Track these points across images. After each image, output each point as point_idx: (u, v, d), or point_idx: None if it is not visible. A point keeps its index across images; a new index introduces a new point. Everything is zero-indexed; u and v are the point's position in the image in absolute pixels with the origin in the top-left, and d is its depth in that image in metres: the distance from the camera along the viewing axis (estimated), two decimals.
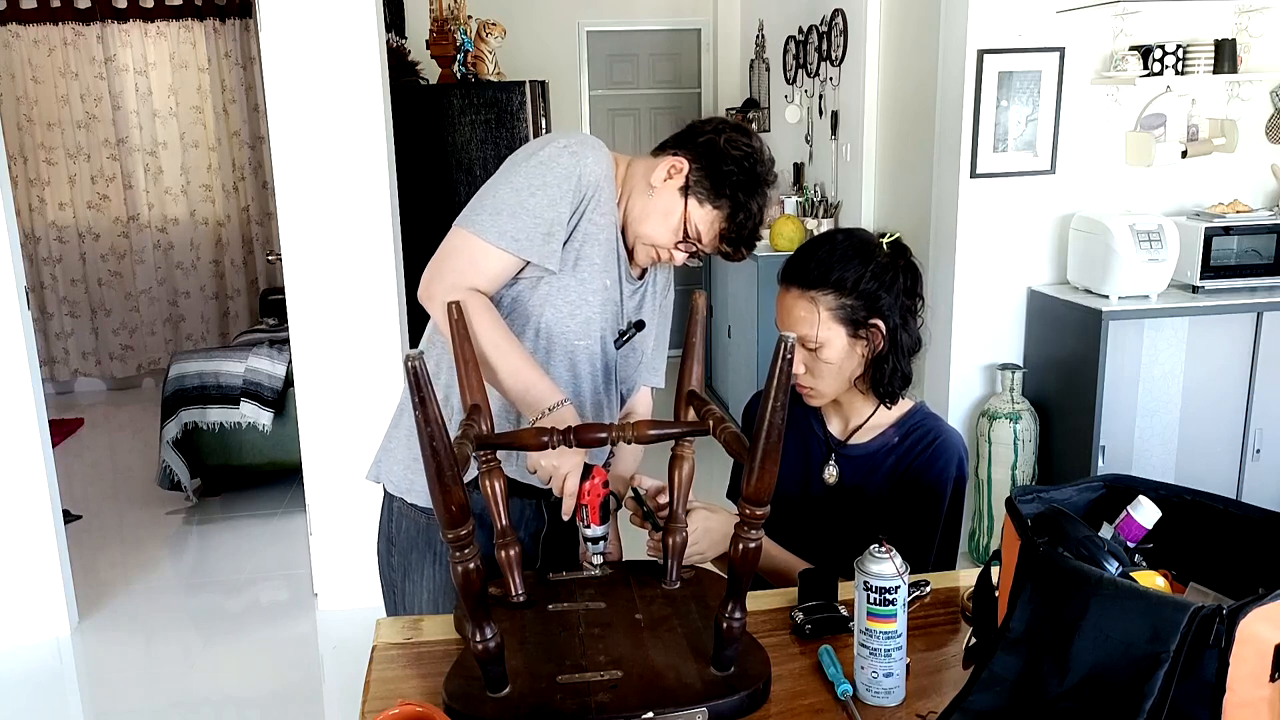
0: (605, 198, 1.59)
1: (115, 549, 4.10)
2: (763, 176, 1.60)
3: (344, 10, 3.17)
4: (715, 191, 1.57)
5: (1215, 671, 0.95)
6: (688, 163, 1.58)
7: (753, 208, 1.58)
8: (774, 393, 1.10)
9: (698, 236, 1.59)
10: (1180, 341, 3.39)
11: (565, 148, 1.56)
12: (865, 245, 1.61)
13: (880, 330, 1.59)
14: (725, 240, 1.60)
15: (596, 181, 1.57)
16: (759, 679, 1.25)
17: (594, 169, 1.56)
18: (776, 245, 4.72)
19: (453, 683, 1.25)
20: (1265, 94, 3.66)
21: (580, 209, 1.56)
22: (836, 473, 1.71)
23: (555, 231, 1.54)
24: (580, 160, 1.55)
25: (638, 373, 1.79)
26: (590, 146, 1.58)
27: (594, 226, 1.58)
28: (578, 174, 1.54)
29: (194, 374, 4.38)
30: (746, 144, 1.61)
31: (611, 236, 1.61)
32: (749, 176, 1.58)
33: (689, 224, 1.58)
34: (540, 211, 1.53)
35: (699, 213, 1.58)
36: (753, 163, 1.59)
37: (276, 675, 3.18)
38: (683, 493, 1.52)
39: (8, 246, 3.16)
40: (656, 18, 6.49)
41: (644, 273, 1.73)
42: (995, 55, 3.42)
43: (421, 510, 1.68)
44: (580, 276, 1.58)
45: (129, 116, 6.10)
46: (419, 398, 1.07)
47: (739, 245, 1.60)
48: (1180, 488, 1.26)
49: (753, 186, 1.58)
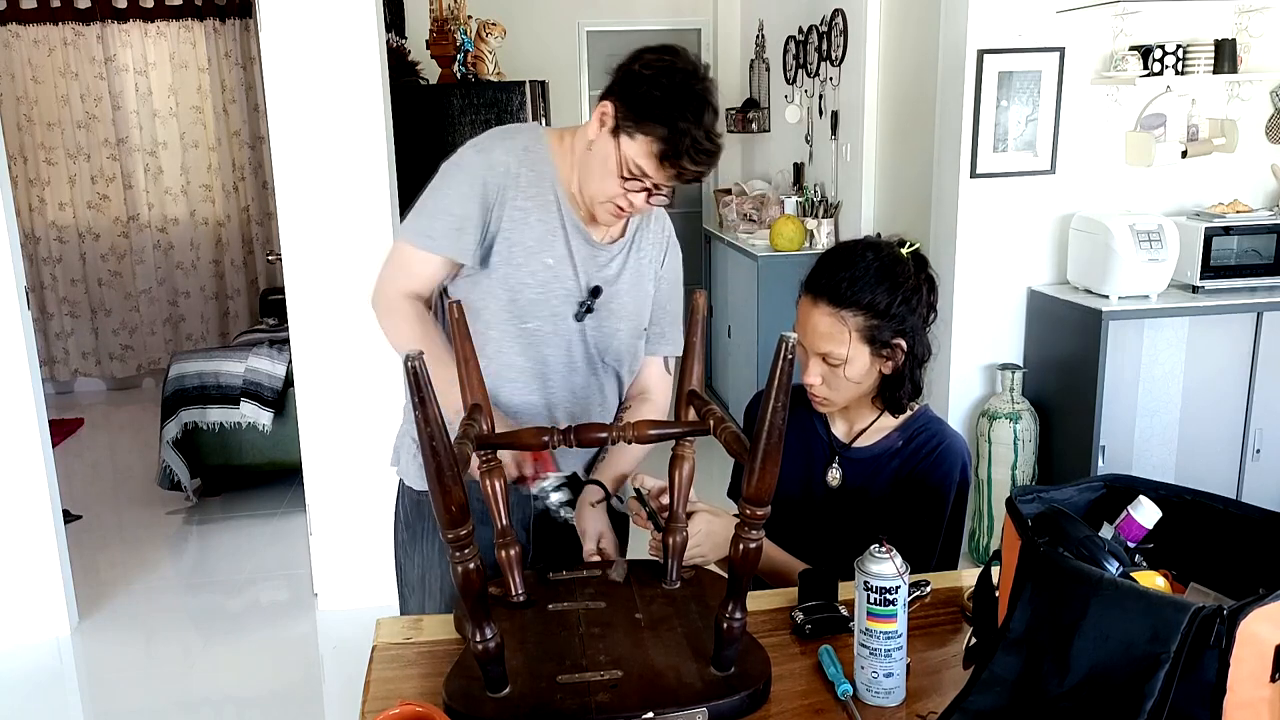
0: (527, 181, 1.61)
1: (115, 549, 4.10)
2: (686, 87, 1.50)
3: (344, 10, 3.17)
4: (639, 119, 1.50)
5: (1215, 672, 0.95)
6: (611, 103, 1.53)
7: (681, 124, 1.48)
8: (774, 393, 1.10)
9: (640, 172, 1.53)
10: (1180, 341, 3.39)
11: (474, 146, 1.64)
12: (895, 264, 1.59)
13: (902, 349, 1.60)
14: (667, 163, 1.51)
15: (507, 170, 1.61)
16: (759, 679, 1.25)
17: (502, 159, 1.61)
18: (776, 245, 4.71)
19: (453, 683, 1.25)
20: (1265, 94, 3.66)
21: (496, 199, 1.60)
22: (840, 475, 1.71)
23: (466, 227, 1.60)
24: (487, 155, 1.62)
25: (648, 344, 1.78)
26: (501, 138, 1.65)
27: (519, 212, 1.61)
28: (484, 169, 1.61)
29: (194, 374, 4.37)
30: (659, 60, 1.52)
31: (548, 215, 1.63)
32: (670, 91, 1.49)
33: (626, 163, 1.53)
34: (449, 208, 1.61)
35: (632, 147, 1.52)
36: (671, 76, 1.50)
37: (276, 675, 3.18)
38: (683, 493, 1.52)
39: (8, 246, 3.16)
40: (656, 18, 6.49)
41: (623, 234, 1.70)
42: (995, 55, 3.42)
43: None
44: (515, 262, 1.61)
45: (129, 116, 6.10)
46: (419, 398, 1.07)
47: (681, 166, 1.51)
48: (1180, 488, 1.26)
49: (678, 101, 1.49)
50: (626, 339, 1.73)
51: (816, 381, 1.62)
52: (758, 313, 4.70)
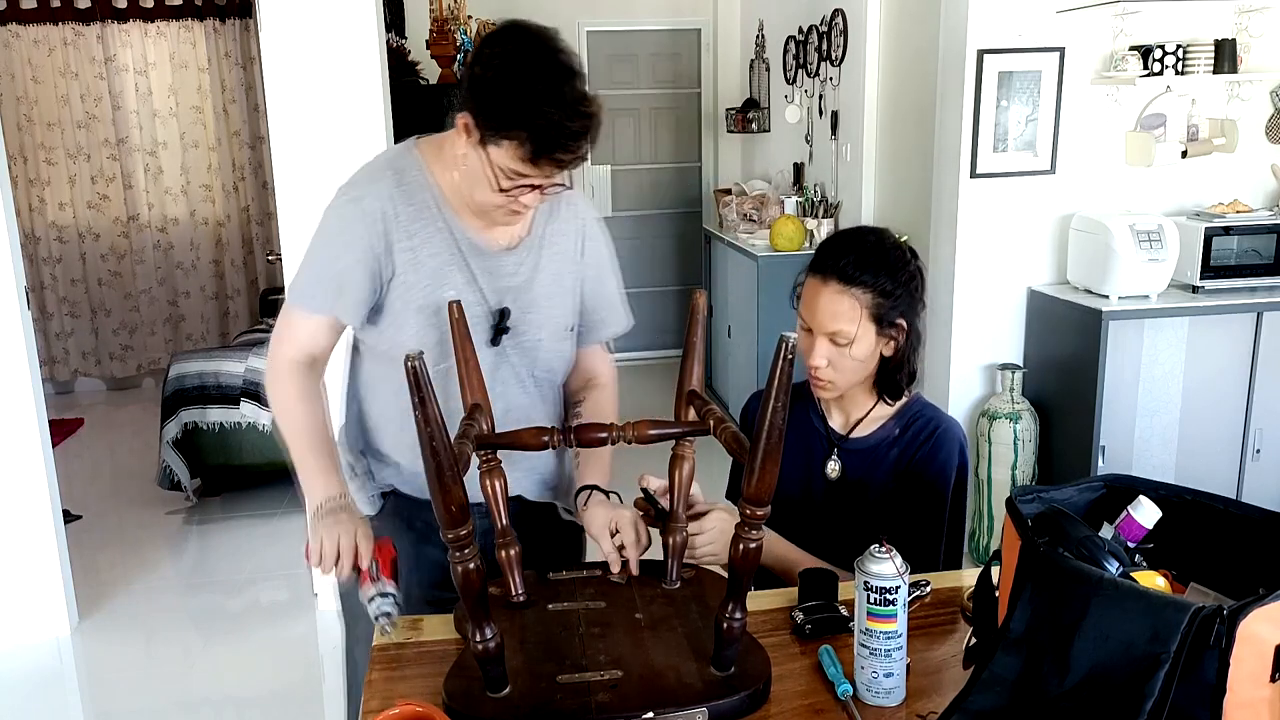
0: (407, 218, 1.52)
1: (115, 549, 4.10)
2: (532, 75, 1.37)
3: (344, 10, 3.17)
4: (496, 127, 1.38)
5: (1215, 672, 0.95)
6: (469, 113, 1.42)
7: (540, 121, 1.36)
8: (774, 393, 1.10)
9: (518, 174, 1.42)
10: (1180, 341, 3.39)
11: (346, 194, 1.54)
12: (895, 249, 1.63)
13: (904, 329, 1.62)
14: (541, 160, 1.39)
15: (383, 214, 1.51)
16: (759, 679, 1.25)
17: (374, 206, 1.51)
18: (776, 245, 4.71)
19: (453, 683, 1.25)
20: (1265, 94, 3.66)
21: (381, 247, 1.51)
22: (839, 467, 1.72)
23: (346, 286, 1.52)
24: (359, 204, 1.51)
25: (587, 334, 1.71)
26: (370, 181, 1.53)
27: (407, 253, 1.52)
28: (358, 220, 1.51)
29: (194, 374, 4.37)
30: (495, 55, 1.39)
31: (439, 246, 1.53)
32: (518, 89, 1.37)
33: (501, 170, 1.42)
34: (329, 267, 1.53)
35: (500, 154, 1.40)
36: (513, 71, 1.37)
37: (276, 675, 3.18)
38: (683, 493, 1.52)
39: (8, 246, 3.16)
40: (656, 18, 6.49)
41: (529, 230, 1.61)
42: (995, 55, 3.42)
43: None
44: (416, 305, 1.54)
45: (129, 116, 6.10)
46: (419, 398, 1.07)
47: (556, 158, 1.40)
48: (1180, 488, 1.26)
49: (529, 96, 1.36)
50: (551, 345, 1.64)
51: (823, 364, 1.62)
52: (758, 313, 4.70)
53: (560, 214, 1.65)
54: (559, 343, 1.66)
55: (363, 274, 1.52)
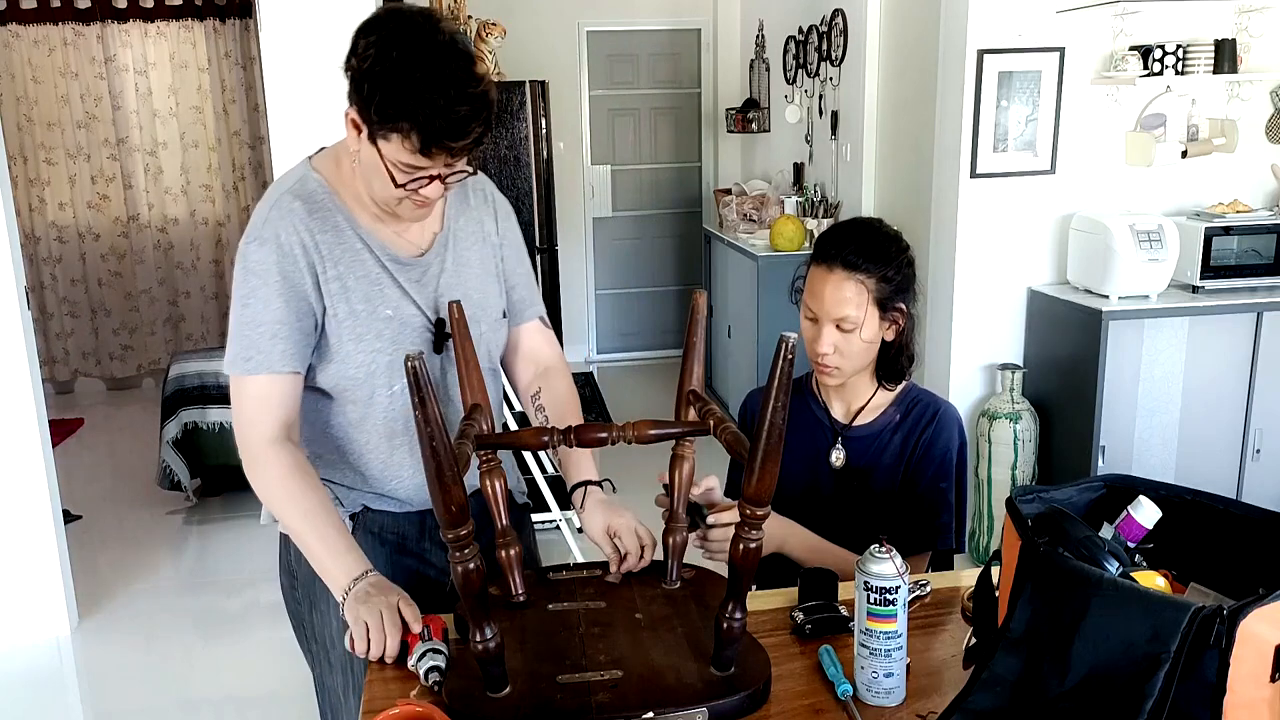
0: (329, 243, 1.45)
1: (115, 549, 4.10)
2: (409, 62, 1.30)
3: (344, 10, 3.17)
4: (382, 119, 1.32)
5: (1215, 672, 0.95)
6: (354, 108, 1.38)
7: (423, 112, 1.30)
8: (774, 393, 1.10)
9: (411, 167, 1.36)
10: (1180, 341, 3.39)
11: (254, 240, 1.44)
12: (894, 235, 1.72)
13: (904, 313, 1.68)
14: (432, 150, 1.33)
15: (302, 246, 1.44)
16: (759, 679, 1.25)
17: (289, 237, 1.43)
18: (776, 245, 4.71)
19: (453, 683, 1.25)
20: (1265, 94, 3.66)
21: (310, 281, 1.44)
22: (843, 455, 1.75)
23: (280, 332, 1.43)
24: (273, 245, 1.43)
25: (514, 316, 1.67)
26: (278, 217, 1.44)
27: (335, 283, 1.45)
28: (276, 260, 1.43)
29: (194, 374, 4.37)
30: (370, 46, 1.33)
31: (363, 267, 1.47)
32: (396, 79, 1.30)
33: (394, 165, 1.36)
34: (256, 319, 1.43)
35: (390, 148, 1.35)
36: (388, 61, 1.31)
37: (276, 675, 3.17)
38: (683, 493, 1.52)
39: (8, 246, 3.16)
40: (656, 18, 6.49)
41: (442, 225, 1.56)
42: (995, 55, 3.42)
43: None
44: (357, 333, 1.47)
45: (129, 116, 6.10)
46: (419, 398, 1.07)
47: (447, 146, 1.33)
48: (1180, 488, 1.26)
49: (407, 86, 1.30)
50: (490, 335, 1.60)
51: (830, 350, 1.66)
52: (758, 313, 4.70)
53: (469, 200, 1.61)
54: (497, 332, 1.63)
55: (294, 316, 1.44)
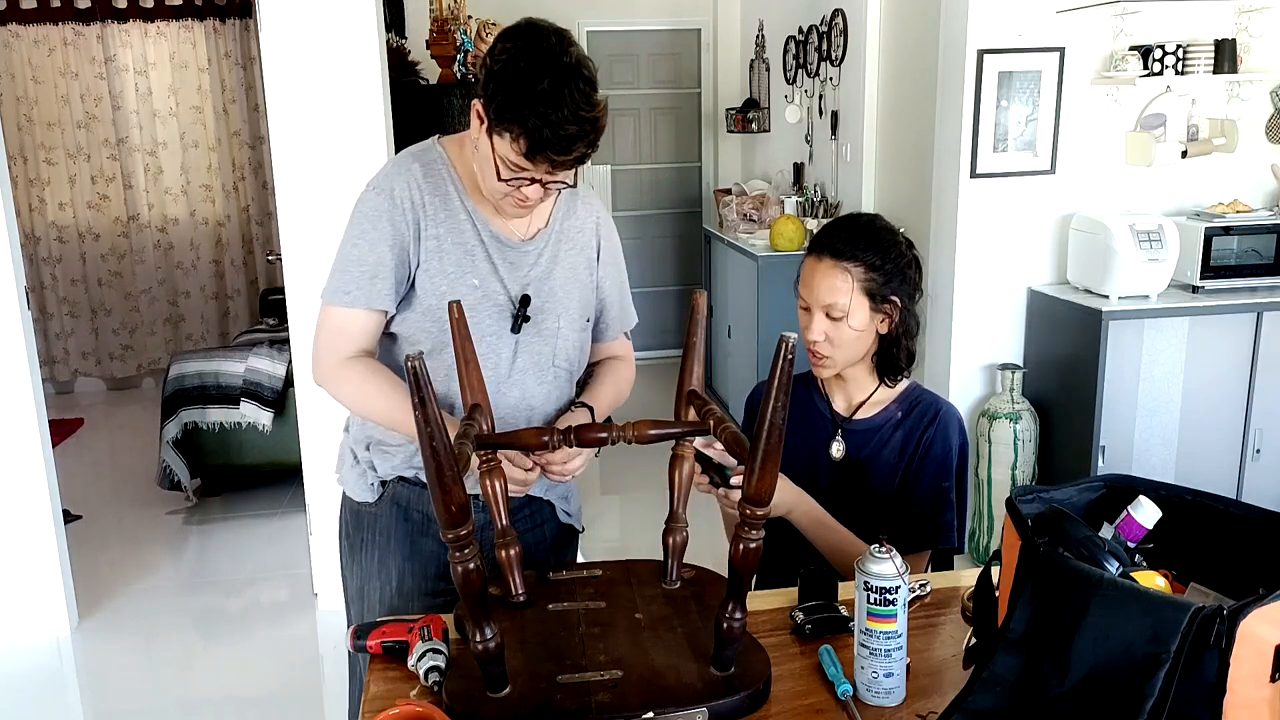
0: (434, 208, 1.57)
1: (115, 549, 4.10)
2: (535, 75, 1.39)
3: (344, 10, 3.17)
4: (499, 118, 1.42)
5: (1215, 672, 0.95)
6: (480, 102, 1.46)
7: (533, 120, 1.38)
8: (774, 393, 1.10)
9: (516, 166, 1.45)
10: (1180, 341, 3.39)
11: (373, 188, 1.59)
12: (889, 230, 1.74)
13: (897, 306, 1.69)
14: (536, 156, 1.42)
15: (412, 202, 1.57)
16: (759, 679, 1.25)
17: (404, 194, 1.57)
18: (776, 245, 4.71)
19: (453, 683, 1.25)
20: (1265, 94, 3.66)
21: (410, 235, 1.57)
22: (843, 447, 1.77)
23: (380, 273, 1.56)
24: (388, 195, 1.57)
25: (607, 331, 1.79)
26: (399, 171, 1.58)
27: (433, 241, 1.57)
28: (388, 209, 1.56)
29: (194, 374, 4.37)
30: (505, 50, 1.43)
31: (463, 236, 1.59)
32: (519, 86, 1.39)
33: (502, 160, 1.45)
34: (361, 259, 1.57)
35: (501, 145, 1.44)
36: (517, 68, 1.40)
37: (276, 675, 3.18)
38: (683, 493, 1.52)
39: (8, 246, 3.16)
40: (656, 18, 6.49)
41: (547, 223, 1.65)
42: (995, 55, 3.42)
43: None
44: (440, 292, 1.57)
45: (129, 116, 6.10)
46: (419, 398, 1.07)
47: (549, 157, 1.42)
48: (1180, 488, 1.26)
49: (527, 95, 1.39)
50: (569, 334, 1.67)
51: (820, 338, 1.69)
52: (758, 313, 4.70)
53: (577, 212, 1.70)
54: (576, 332, 1.70)
55: (395, 261, 1.57)
